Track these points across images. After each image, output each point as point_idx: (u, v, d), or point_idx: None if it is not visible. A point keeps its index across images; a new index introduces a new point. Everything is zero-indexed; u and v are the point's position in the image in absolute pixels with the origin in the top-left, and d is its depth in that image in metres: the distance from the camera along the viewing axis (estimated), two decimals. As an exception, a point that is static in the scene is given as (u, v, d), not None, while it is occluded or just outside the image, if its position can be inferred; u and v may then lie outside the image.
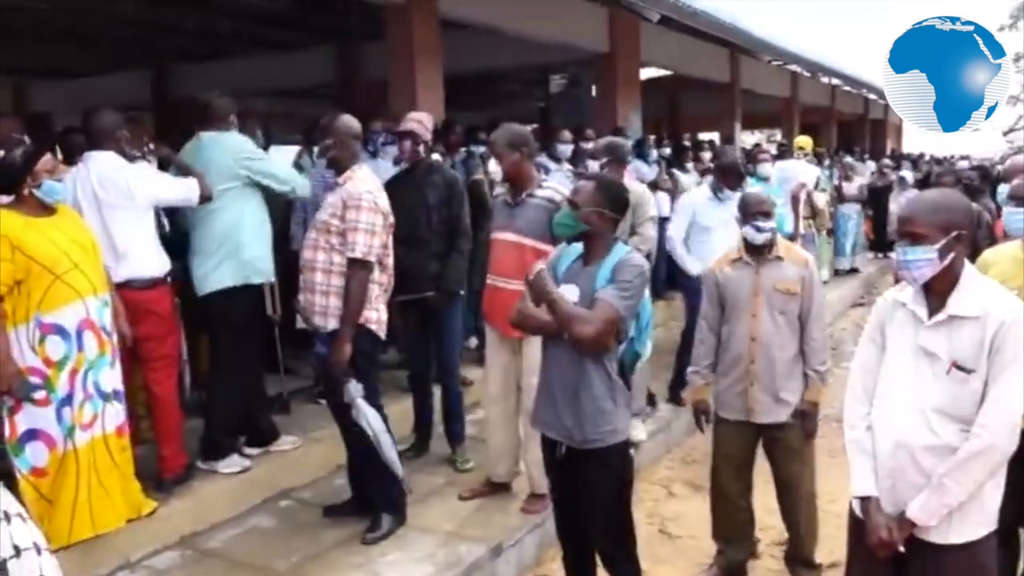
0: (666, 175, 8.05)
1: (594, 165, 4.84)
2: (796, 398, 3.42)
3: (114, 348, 3.40)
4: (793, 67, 16.14)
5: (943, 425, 2.18)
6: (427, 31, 7.11)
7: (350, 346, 3.49)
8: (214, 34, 10.77)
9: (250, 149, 4.09)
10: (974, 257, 3.11)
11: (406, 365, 4.93)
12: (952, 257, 2.18)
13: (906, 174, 12.51)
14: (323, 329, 3.56)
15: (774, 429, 3.45)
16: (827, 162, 12.55)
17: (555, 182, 3.97)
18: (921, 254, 2.18)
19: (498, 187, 4.14)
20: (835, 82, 18.96)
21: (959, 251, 2.19)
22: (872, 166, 14.73)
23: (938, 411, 2.19)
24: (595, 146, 5.19)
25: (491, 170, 5.25)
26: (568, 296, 2.77)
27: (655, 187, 7.15)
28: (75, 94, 12.67)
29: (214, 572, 3.51)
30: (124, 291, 3.59)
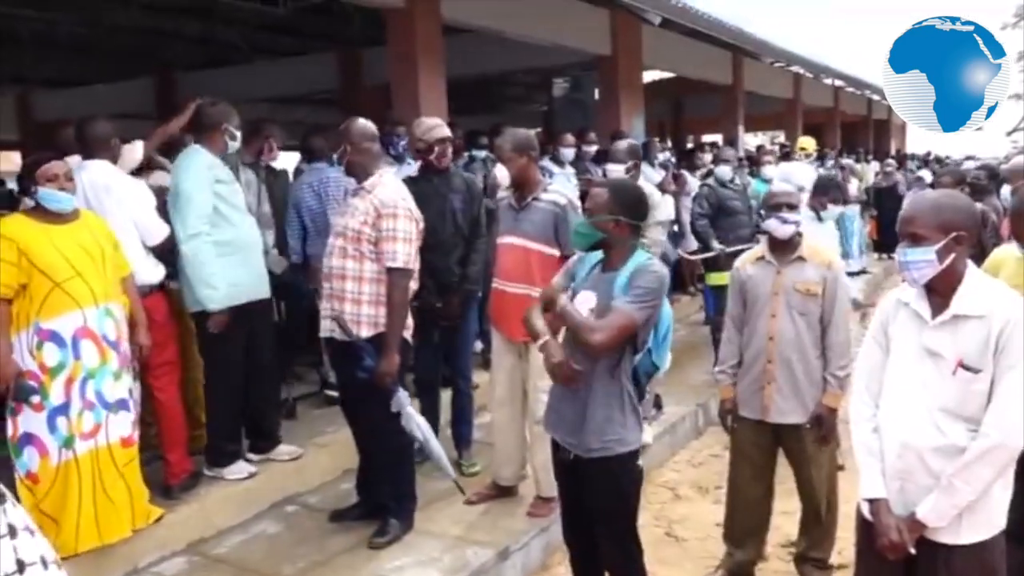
0: (671, 177, 8.03)
1: (616, 169, 4.75)
2: (813, 401, 3.37)
3: (121, 358, 3.39)
4: (796, 69, 16.12)
5: (950, 425, 2.18)
6: (429, 35, 7.10)
7: (398, 356, 3.47)
8: (216, 41, 10.80)
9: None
10: (982, 257, 3.11)
11: (413, 368, 4.93)
12: (952, 258, 2.18)
13: (924, 174, 12.45)
14: (359, 339, 3.50)
15: (791, 431, 3.41)
16: (830, 163, 12.51)
17: (558, 185, 3.97)
18: (921, 255, 2.18)
19: (500, 191, 4.13)
20: (838, 83, 18.93)
21: (959, 252, 2.19)
22: (876, 166, 14.71)
23: (945, 411, 2.18)
24: (614, 150, 5.06)
25: (497, 175, 5.23)
26: (585, 303, 2.74)
27: (660, 190, 7.12)
28: (79, 103, 12.68)
29: (221, 578, 3.52)
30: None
